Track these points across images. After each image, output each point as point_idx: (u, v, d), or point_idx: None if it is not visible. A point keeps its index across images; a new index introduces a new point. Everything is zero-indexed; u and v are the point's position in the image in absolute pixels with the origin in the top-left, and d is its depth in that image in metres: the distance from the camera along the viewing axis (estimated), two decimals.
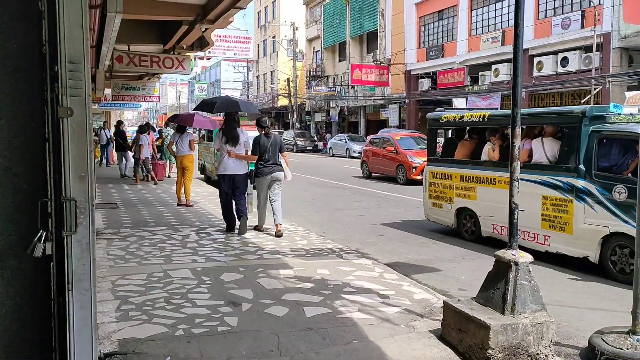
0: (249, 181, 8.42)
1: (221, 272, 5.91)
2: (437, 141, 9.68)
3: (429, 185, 9.04)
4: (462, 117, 8.52)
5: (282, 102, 49.82)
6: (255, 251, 7.03)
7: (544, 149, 7.10)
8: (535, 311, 3.77)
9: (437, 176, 8.83)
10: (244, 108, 9.60)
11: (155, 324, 4.30)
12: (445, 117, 8.96)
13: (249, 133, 8.55)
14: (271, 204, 8.11)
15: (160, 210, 10.50)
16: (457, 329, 3.92)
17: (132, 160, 16.25)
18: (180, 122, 11.92)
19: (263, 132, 8.11)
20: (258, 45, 58.14)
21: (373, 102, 38.08)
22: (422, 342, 4.04)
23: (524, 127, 7.01)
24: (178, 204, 11.09)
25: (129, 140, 18.67)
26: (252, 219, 8.65)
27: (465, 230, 8.39)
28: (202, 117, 12.79)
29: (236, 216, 8.24)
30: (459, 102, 13.39)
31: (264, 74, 58.90)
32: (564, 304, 5.38)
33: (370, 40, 38.90)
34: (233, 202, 8.26)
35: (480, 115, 8.11)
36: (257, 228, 8.42)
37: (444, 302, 4.17)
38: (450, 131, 9.60)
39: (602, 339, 4.03)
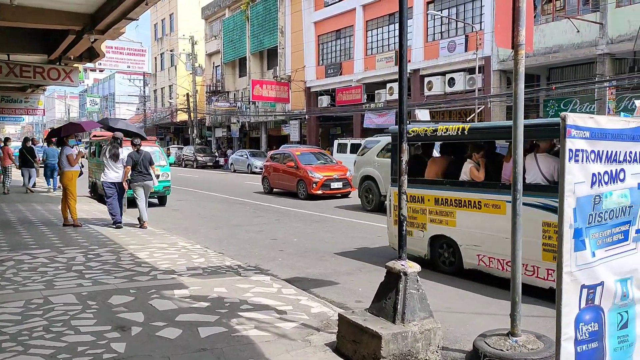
0: (125, 187, 10.58)
1: (110, 295, 5.57)
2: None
3: (394, 210, 7.58)
4: (435, 131, 7.20)
5: (182, 117, 48.56)
6: (148, 271, 6.72)
7: (539, 167, 6.18)
8: (423, 318, 3.92)
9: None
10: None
11: (31, 355, 3.94)
12: (413, 131, 7.53)
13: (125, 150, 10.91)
14: (139, 204, 10.45)
15: (43, 231, 9.74)
16: (351, 340, 3.97)
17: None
18: (50, 136, 12.47)
19: (135, 149, 10.67)
20: (155, 58, 56.41)
21: (274, 118, 38.25)
22: (318, 355, 4.05)
23: (508, 142, 6.48)
24: (64, 224, 10.35)
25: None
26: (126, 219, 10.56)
27: (442, 261, 7.18)
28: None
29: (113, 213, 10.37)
30: (422, 113, 11.50)
31: (161, 88, 57.16)
32: (452, 310, 5.65)
33: (271, 56, 39.18)
34: (117, 201, 10.44)
35: (457, 129, 6.86)
36: (142, 225, 10.41)
37: (339, 314, 4.22)
38: (416, 147, 8.31)
39: (485, 342, 4.27)
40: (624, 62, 19.93)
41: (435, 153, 8.57)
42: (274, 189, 18.93)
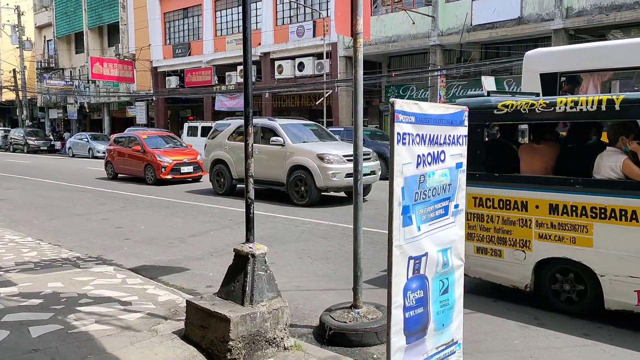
0: None
1: None
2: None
3: (469, 221, 5.23)
4: (551, 104, 4.79)
5: (8, 95, 43.40)
6: None
7: None
8: (271, 299, 4.01)
9: (489, 205, 5.25)
10: None
11: None
12: (506, 106, 5.04)
13: None
14: None
15: None
16: (199, 326, 3.93)
17: None
18: None
19: None
20: None
21: (118, 99, 35.91)
22: (165, 345, 3.95)
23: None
24: None
25: None
26: None
27: (559, 295, 5.02)
28: None
29: None
30: (488, 81, 10.01)
31: None
32: (301, 289, 5.86)
33: (112, 32, 36.58)
34: None
35: (596, 102, 4.54)
36: None
37: (187, 300, 4.14)
38: (496, 130, 6.59)
39: (330, 316, 4.52)
40: (452, 53, 22.01)
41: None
42: (119, 175, 17.88)
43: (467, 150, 3.31)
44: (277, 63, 25.75)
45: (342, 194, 12.49)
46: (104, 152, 22.79)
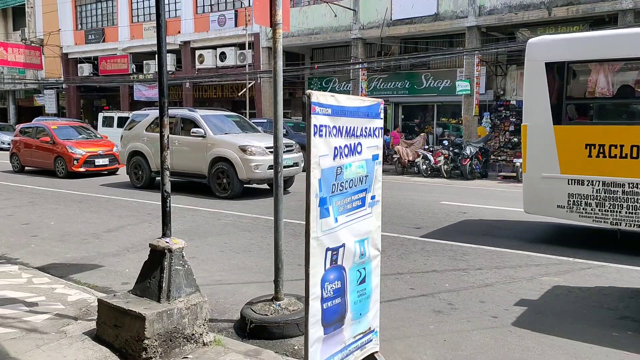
0: None
1: None
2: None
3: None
4: None
5: None
6: None
7: None
8: (189, 294, 3.91)
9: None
10: None
11: None
12: None
13: None
14: None
15: None
16: (113, 325, 3.77)
17: None
18: None
19: None
20: None
21: (24, 87, 33.64)
22: (74, 346, 3.75)
23: None
24: None
25: None
26: None
27: None
28: None
29: None
30: None
31: None
32: (222, 283, 5.77)
33: (18, 16, 34.16)
34: None
35: None
36: None
37: (99, 299, 3.96)
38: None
39: (251, 309, 4.48)
40: (373, 47, 22.44)
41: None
42: (27, 167, 16.80)
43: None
44: (197, 52, 25.12)
45: (265, 186, 12.43)
46: (9, 144, 21.32)
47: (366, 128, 3.16)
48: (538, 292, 5.35)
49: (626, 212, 6.71)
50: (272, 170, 4.55)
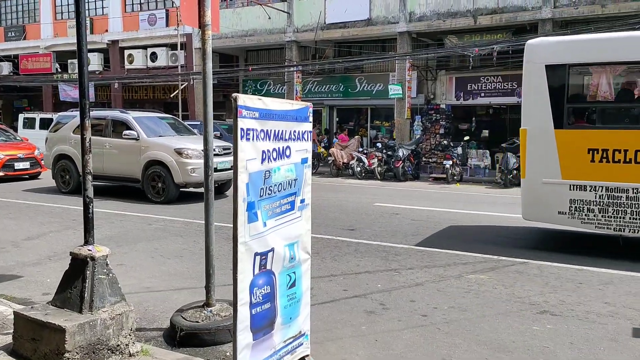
0: None
1: None
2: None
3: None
4: None
5: None
6: None
7: None
8: (114, 303, 3.76)
9: None
10: None
11: None
12: None
13: None
14: None
15: None
16: (30, 339, 3.56)
17: None
18: None
19: None
20: None
21: None
22: None
23: None
24: None
25: None
26: None
27: None
28: None
29: None
30: None
31: None
32: (152, 290, 5.59)
33: None
34: None
35: None
36: None
37: (15, 312, 3.72)
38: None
39: (182, 316, 4.36)
40: (308, 50, 22.56)
41: None
42: None
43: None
44: (127, 52, 24.31)
45: (202, 190, 12.17)
46: None
47: (295, 131, 3.16)
48: (465, 290, 5.54)
49: (630, 218, 6.58)
50: None
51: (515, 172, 15.14)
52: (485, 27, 17.70)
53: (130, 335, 3.78)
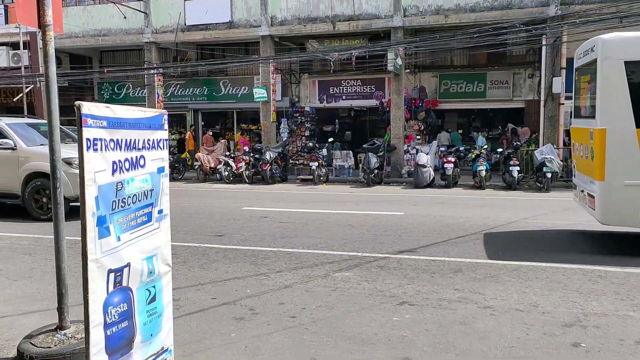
0: None
1: None
2: None
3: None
4: None
5: None
6: None
7: None
8: None
9: None
10: None
11: None
12: None
13: None
14: None
15: None
16: None
17: None
18: None
19: None
20: None
21: None
22: None
23: None
24: None
25: None
26: None
27: None
28: None
29: None
30: None
31: None
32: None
33: None
34: None
35: None
36: None
37: None
38: None
39: (31, 343, 3.97)
40: (169, 52, 21.81)
41: None
42: None
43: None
44: None
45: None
46: None
47: (149, 140, 3.03)
48: (332, 288, 5.72)
49: None
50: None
51: (376, 171, 16.04)
52: (344, 33, 18.44)
53: None
